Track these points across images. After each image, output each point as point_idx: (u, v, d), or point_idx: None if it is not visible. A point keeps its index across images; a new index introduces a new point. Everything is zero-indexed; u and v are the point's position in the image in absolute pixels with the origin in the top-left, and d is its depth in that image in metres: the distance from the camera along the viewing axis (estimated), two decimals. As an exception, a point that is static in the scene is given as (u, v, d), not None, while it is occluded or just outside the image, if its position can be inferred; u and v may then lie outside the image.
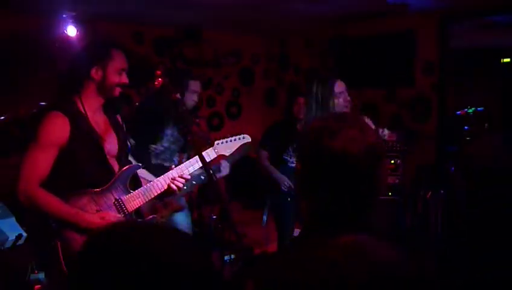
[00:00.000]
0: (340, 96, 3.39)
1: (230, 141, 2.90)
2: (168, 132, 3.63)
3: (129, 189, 2.56)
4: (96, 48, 2.58)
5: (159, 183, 2.64)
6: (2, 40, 5.27)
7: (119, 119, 2.73)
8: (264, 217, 4.72)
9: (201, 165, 2.58)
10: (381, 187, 1.40)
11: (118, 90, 2.53)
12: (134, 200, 2.55)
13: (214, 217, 4.59)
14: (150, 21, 6.30)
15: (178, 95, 2.54)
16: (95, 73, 2.47)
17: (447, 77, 5.72)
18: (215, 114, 7.50)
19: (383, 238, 1.40)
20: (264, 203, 4.81)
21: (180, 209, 3.31)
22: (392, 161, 5.33)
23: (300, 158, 1.43)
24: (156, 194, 2.63)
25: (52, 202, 2.35)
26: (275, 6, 5.40)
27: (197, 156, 2.63)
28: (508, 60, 5.92)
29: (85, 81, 2.49)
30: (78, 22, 5.34)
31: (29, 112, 4.11)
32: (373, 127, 3.20)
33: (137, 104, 5.24)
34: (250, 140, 2.98)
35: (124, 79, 2.54)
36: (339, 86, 3.42)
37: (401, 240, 4.78)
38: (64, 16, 5.28)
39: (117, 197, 2.51)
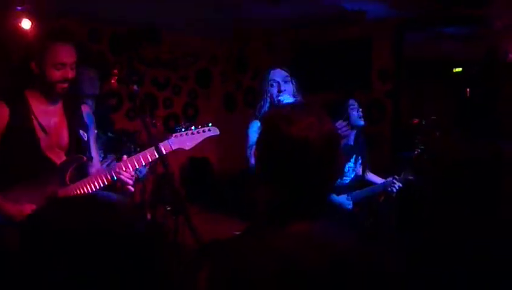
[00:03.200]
0: (274, 85, 3.21)
1: (192, 133, 2.66)
2: None
3: (67, 182, 2.49)
4: (33, 41, 2.53)
5: (101, 176, 2.52)
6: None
7: (84, 110, 2.67)
8: None
9: (148, 160, 2.52)
10: (337, 174, 1.41)
11: (59, 86, 2.45)
12: (71, 193, 2.46)
13: (168, 208, 4.48)
14: (108, 19, 6.18)
15: (135, 87, 2.47)
16: (35, 67, 2.42)
17: (402, 84, 5.87)
18: (172, 115, 7.43)
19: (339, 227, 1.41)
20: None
21: None
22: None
23: (257, 146, 1.42)
24: (96, 187, 2.51)
25: None
26: (236, 7, 5.40)
27: (147, 150, 2.54)
28: (459, 69, 6.12)
29: (31, 75, 2.44)
30: (33, 16, 5.21)
31: None
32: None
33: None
34: (218, 133, 2.76)
35: (66, 74, 2.43)
36: (273, 74, 3.25)
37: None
38: (19, 8, 5.15)
39: (53, 190, 2.44)
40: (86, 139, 2.63)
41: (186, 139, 2.64)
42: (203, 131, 2.70)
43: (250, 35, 7.23)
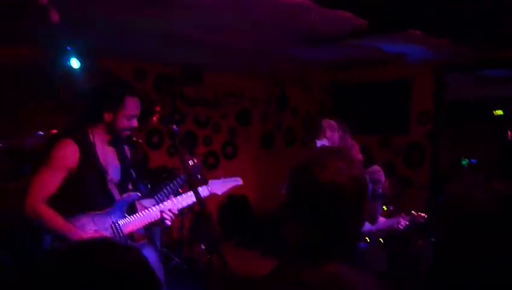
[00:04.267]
0: (321, 132, 3.60)
1: (224, 181, 3.15)
2: None
3: (126, 214, 2.80)
4: (111, 94, 2.78)
5: (153, 213, 2.85)
6: (8, 70, 5.39)
7: (127, 150, 3.00)
8: None
9: (192, 201, 2.86)
10: (364, 219, 1.44)
11: (125, 133, 2.81)
12: (129, 224, 2.78)
13: (203, 247, 4.58)
14: (153, 59, 6.43)
15: (174, 126, 2.64)
16: (107, 116, 2.73)
17: (441, 126, 5.83)
18: (211, 153, 7.56)
19: (365, 272, 1.44)
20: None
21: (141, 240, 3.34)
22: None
23: (288, 187, 1.47)
24: (150, 221, 2.85)
25: (53, 218, 2.59)
26: (276, 50, 5.53)
27: (189, 192, 2.87)
28: (500, 112, 6.04)
29: (99, 119, 2.74)
30: (81, 56, 5.48)
31: (24, 140, 4.32)
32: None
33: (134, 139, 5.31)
34: (241, 183, 3.23)
35: (134, 123, 2.79)
36: (323, 122, 3.67)
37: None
38: (68, 48, 5.43)
39: (114, 221, 2.74)
40: (134, 176, 2.98)
41: (219, 186, 3.11)
42: (232, 181, 3.20)
43: (289, 77, 7.36)
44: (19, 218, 2.83)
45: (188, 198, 2.92)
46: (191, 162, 3.46)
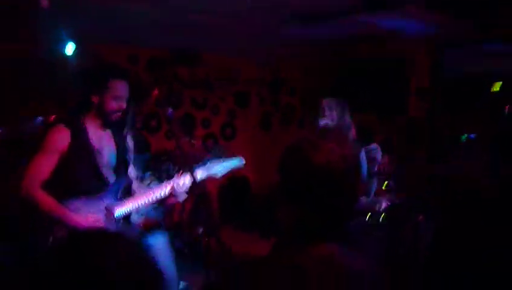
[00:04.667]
0: (320, 111, 3.76)
1: (224, 162, 3.03)
2: None
3: (119, 198, 2.85)
4: (96, 77, 2.86)
5: (146, 196, 2.89)
6: (7, 66, 5.40)
7: (128, 137, 3.06)
8: None
9: (188, 182, 2.87)
10: (356, 197, 1.44)
11: (115, 116, 2.84)
12: (122, 207, 2.83)
13: (201, 230, 4.58)
14: (146, 43, 6.37)
15: (169, 110, 2.65)
16: (94, 98, 2.81)
17: (440, 102, 5.80)
18: (210, 135, 7.54)
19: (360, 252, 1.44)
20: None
21: (153, 225, 3.35)
22: (385, 183, 5.34)
23: (281, 169, 1.46)
24: (142, 204, 2.87)
25: (48, 202, 2.68)
26: (269, 29, 5.48)
27: (183, 175, 2.89)
28: (497, 86, 6.00)
29: (88, 104, 2.82)
30: (75, 41, 5.44)
31: (25, 126, 4.33)
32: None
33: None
34: (243, 163, 3.09)
35: (122, 106, 2.83)
36: (323, 102, 3.82)
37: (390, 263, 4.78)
38: (62, 35, 5.39)
39: (108, 205, 2.80)
40: (130, 161, 3.02)
41: (219, 168, 3.00)
42: (233, 162, 3.08)
43: (285, 57, 7.31)
44: (18, 211, 2.89)
45: (180, 181, 2.90)
46: (189, 144, 3.46)
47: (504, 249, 1.31)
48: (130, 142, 3.08)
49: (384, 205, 4.00)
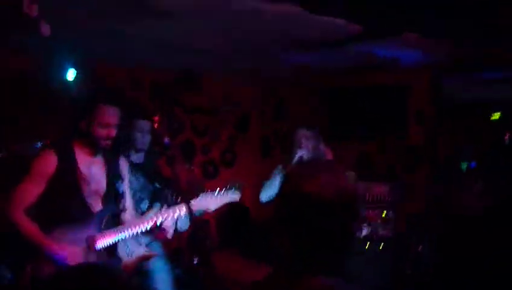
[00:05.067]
0: (297, 142, 4.05)
1: (219, 195, 2.94)
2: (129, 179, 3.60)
3: (102, 228, 2.75)
4: (84, 103, 2.81)
5: (131, 225, 2.79)
6: (3, 79, 5.40)
7: (122, 162, 2.96)
8: None
9: (182, 214, 2.80)
10: (353, 232, 1.43)
11: (104, 143, 2.74)
12: (105, 238, 2.72)
13: (195, 261, 4.53)
14: (149, 65, 6.41)
15: (166, 139, 2.64)
16: (82, 124, 2.74)
17: (439, 130, 5.81)
18: (209, 162, 7.51)
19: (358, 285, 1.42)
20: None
21: (149, 257, 3.20)
22: (384, 212, 5.29)
23: (276, 200, 1.47)
24: (126, 236, 2.76)
25: (29, 228, 2.63)
26: (269, 56, 5.52)
27: (177, 206, 2.81)
28: (497, 116, 6.02)
29: (75, 129, 2.75)
30: (77, 64, 5.48)
31: (24, 148, 4.34)
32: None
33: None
34: (239, 197, 3.08)
35: (111, 133, 2.73)
36: (298, 133, 4.13)
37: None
38: (64, 58, 5.43)
39: (90, 234, 2.70)
40: (121, 190, 2.89)
41: (213, 201, 2.92)
42: (226, 194, 2.99)
43: (284, 83, 7.34)
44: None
45: (175, 211, 2.82)
46: (186, 173, 3.41)
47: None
48: (124, 169, 2.97)
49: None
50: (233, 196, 3.03)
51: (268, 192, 4.28)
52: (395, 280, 5.01)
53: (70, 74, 5.43)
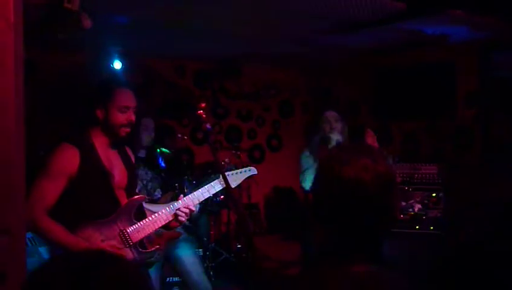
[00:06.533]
0: (326, 123, 3.95)
1: (237, 173, 2.98)
2: (139, 172, 3.61)
3: (134, 220, 2.59)
4: (99, 89, 2.64)
5: (163, 215, 2.67)
6: (56, 73, 5.54)
7: (129, 152, 2.81)
8: None
9: (205, 197, 2.77)
10: (394, 217, 1.38)
11: (123, 130, 2.58)
12: (139, 231, 2.59)
13: (239, 246, 4.53)
14: (192, 55, 6.46)
15: (208, 125, 2.61)
16: (100, 113, 2.55)
17: (490, 108, 5.59)
18: (256, 146, 7.55)
19: (403, 271, 1.39)
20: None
21: (175, 236, 3.25)
22: (434, 194, 5.17)
23: (313, 188, 1.44)
24: (160, 225, 2.66)
25: (56, 230, 2.41)
26: (314, 39, 5.45)
27: (203, 188, 2.78)
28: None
29: (94, 119, 2.57)
30: (124, 56, 5.58)
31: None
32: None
33: (179, 135, 5.36)
34: (256, 172, 3.04)
35: (130, 117, 2.57)
36: (327, 115, 4.04)
37: (440, 274, 4.63)
38: (111, 50, 5.54)
39: (122, 228, 2.55)
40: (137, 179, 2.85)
41: (232, 179, 2.89)
42: (245, 171, 3.01)
43: (330, 65, 7.24)
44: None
45: (200, 196, 2.78)
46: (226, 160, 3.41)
47: None
48: (132, 158, 2.83)
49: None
50: (250, 172, 3.03)
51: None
52: (442, 264, 4.90)
53: (117, 65, 5.56)
